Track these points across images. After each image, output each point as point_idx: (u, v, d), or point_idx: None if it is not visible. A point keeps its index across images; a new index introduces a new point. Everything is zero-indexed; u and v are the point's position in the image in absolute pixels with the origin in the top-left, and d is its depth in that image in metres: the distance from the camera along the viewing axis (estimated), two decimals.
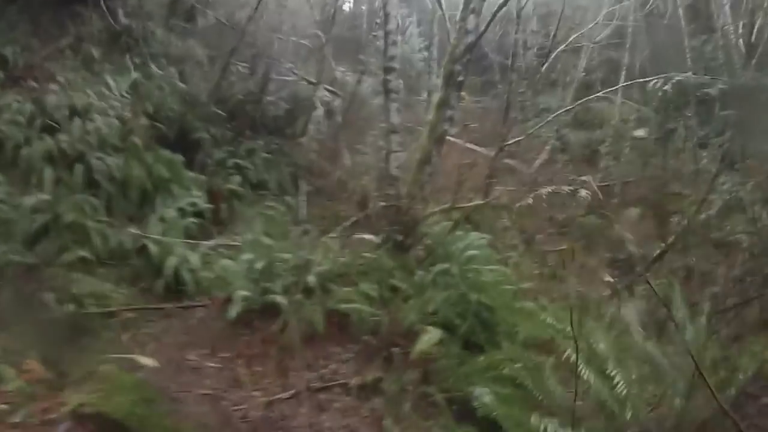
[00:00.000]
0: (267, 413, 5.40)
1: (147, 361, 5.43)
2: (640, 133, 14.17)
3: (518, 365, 5.28)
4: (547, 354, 5.69)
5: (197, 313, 6.88)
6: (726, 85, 10.61)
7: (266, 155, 11.27)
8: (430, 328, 5.97)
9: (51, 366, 5.38)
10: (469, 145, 13.36)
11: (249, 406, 5.45)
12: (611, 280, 9.27)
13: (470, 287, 6.46)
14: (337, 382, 5.81)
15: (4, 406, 4.61)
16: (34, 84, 9.17)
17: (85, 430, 4.55)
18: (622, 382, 4.56)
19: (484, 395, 4.88)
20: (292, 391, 5.64)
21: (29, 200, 7.63)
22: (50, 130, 8.56)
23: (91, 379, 5.10)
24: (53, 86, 9.12)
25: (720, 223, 8.98)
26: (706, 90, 11.61)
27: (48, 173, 8.14)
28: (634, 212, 11.39)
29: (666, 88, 10.55)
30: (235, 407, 5.43)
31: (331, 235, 8.59)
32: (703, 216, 8.91)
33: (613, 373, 4.66)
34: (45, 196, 7.77)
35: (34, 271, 7.04)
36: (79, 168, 8.31)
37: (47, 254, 7.26)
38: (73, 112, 8.86)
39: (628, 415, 4.44)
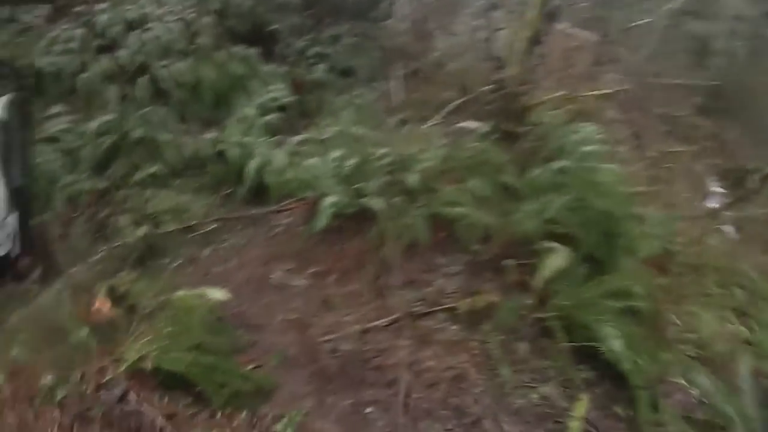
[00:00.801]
0: (360, 345, 4.60)
1: (218, 294, 4.68)
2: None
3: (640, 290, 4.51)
4: (664, 273, 4.92)
5: (283, 219, 6.10)
6: None
7: (351, 41, 10.21)
8: (554, 246, 4.92)
9: (121, 300, 4.83)
10: (571, 29, 11.94)
11: (340, 335, 4.66)
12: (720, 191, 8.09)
13: (589, 190, 5.33)
14: (443, 306, 4.87)
15: (49, 379, 4.03)
16: (83, 8, 8.75)
17: (144, 389, 3.97)
18: None
19: (612, 338, 4.19)
20: (391, 317, 4.76)
21: (93, 124, 7.19)
22: (107, 49, 8.15)
23: (159, 314, 4.50)
24: (103, 5, 8.66)
25: None
26: None
27: (111, 92, 7.72)
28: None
29: None
30: (324, 337, 4.67)
31: (430, 123, 7.55)
32: None
33: None
34: (109, 117, 7.29)
35: (107, 196, 6.64)
36: (143, 80, 7.78)
37: (118, 176, 6.82)
38: (128, 25, 8.37)
39: None
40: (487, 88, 7.14)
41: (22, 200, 6.16)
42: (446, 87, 9.05)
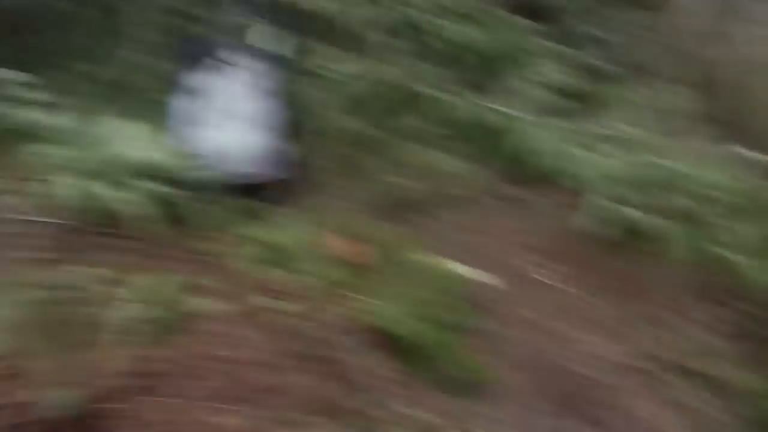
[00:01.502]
0: (595, 374, 4.21)
1: (470, 272, 4.57)
2: None
3: None
4: None
5: (541, 206, 5.78)
6: None
7: (638, 31, 9.11)
8: None
9: (364, 245, 4.86)
10: None
11: (579, 356, 4.30)
12: None
13: None
14: (697, 370, 4.30)
15: (275, 302, 4.08)
16: None
17: (367, 343, 3.94)
18: None
19: None
20: (642, 359, 4.31)
21: (363, 68, 7.16)
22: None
23: (401, 271, 4.49)
24: None
25: None
26: None
27: (381, 40, 7.53)
28: None
29: None
30: (560, 351, 4.34)
31: (713, 142, 6.68)
32: None
33: None
34: (381, 64, 7.20)
35: (367, 139, 6.64)
36: (410, 33, 7.57)
37: (382, 122, 6.78)
38: None
39: None
40: None
41: (284, 127, 6.41)
42: (734, 102, 8.14)
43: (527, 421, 3.98)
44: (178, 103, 6.60)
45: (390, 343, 3.93)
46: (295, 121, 6.87)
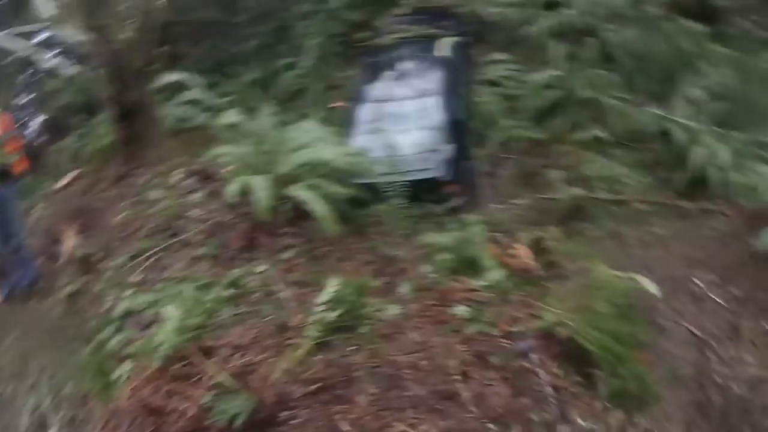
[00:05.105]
0: (752, 395, 4.15)
1: (649, 285, 4.48)
2: None
3: None
4: None
5: (715, 222, 5.60)
6: None
7: None
8: None
9: (540, 254, 4.97)
10: None
11: (736, 374, 4.25)
12: None
13: None
14: None
15: (463, 309, 4.16)
16: None
17: (548, 354, 3.97)
18: None
19: None
20: None
21: (538, 76, 7.35)
22: (553, 6, 8.19)
23: (578, 282, 4.51)
24: None
25: None
26: None
27: (557, 49, 7.69)
28: None
29: None
30: (720, 368, 4.30)
31: None
32: None
33: None
34: (555, 72, 7.36)
35: (542, 148, 6.74)
36: (590, 42, 7.62)
37: (557, 131, 6.86)
38: None
39: None
40: None
41: (459, 133, 6.68)
42: None
43: None
44: (359, 110, 6.98)
45: (574, 355, 4.02)
46: (473, 130, 7.13)
